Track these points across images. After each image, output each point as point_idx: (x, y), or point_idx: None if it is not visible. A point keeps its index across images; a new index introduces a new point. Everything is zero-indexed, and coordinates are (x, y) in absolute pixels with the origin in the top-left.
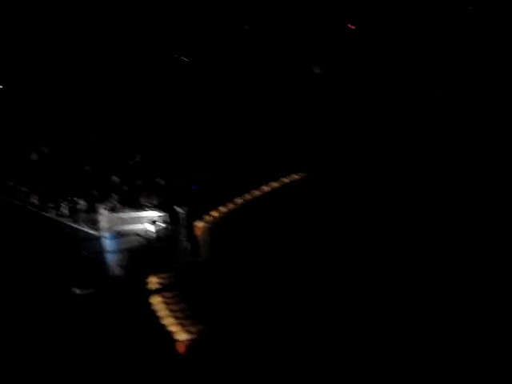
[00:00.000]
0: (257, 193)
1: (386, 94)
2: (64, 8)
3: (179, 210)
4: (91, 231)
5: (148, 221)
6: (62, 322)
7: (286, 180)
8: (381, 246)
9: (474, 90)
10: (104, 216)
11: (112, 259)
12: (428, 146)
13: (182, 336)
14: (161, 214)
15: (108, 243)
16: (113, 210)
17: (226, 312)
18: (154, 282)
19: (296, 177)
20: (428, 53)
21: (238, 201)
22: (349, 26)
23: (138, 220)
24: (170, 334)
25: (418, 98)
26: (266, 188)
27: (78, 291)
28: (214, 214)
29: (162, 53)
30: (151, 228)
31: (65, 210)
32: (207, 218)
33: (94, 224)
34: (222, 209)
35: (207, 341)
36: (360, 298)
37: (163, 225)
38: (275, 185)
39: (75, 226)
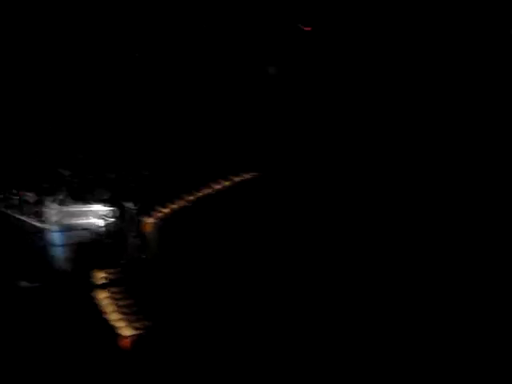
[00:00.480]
0: (208, 190)
1: (338, 94)
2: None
3: (128, 205)
4: (39, 224)
5: (96, 215)
6: (5, 314)
7: (237, 179)
8: (330, 247)
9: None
10: (52, 209)
11: (59, 253)
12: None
13: (127, 332)
14: (110, 209)
15: (56, 237)
16: (61, 203)
17: (172, 308)
18: (100, 276)
19: (248, 176)
20: (383, 54)
21: (188, 198)
22: (304, 27)
23: (87, 214)
24: (115, 330)
25: (366, 99)
26: (217, 186)
27: (24, 284)
28: (164, 210)
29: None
30: (99, 223)
31: (13, 202)
32: (156, 214)
33: (42, 217)
34: (172, 205)
35: (152, 336)
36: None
37: (112, 220)
38: (226, 183)
39: (23, 218)
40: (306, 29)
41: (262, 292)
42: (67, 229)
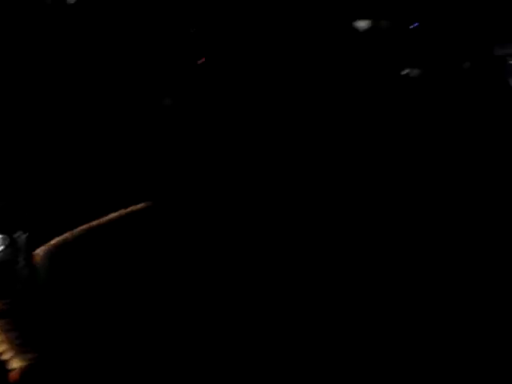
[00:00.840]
0: (99, 221)
1: (232, 125)
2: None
3: (18, 234)
4: None
5: None
6: None
7: (129, 209)
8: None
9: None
10: None
11: None
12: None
13: (15, 364)
14: None
15: None
16: None
17: (61, 339)
18: None
19: (140, 206)
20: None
21: (80, 229)
22: (200, 60)
23: None
24: (2, 362)
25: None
26: (108, 217)
27: None
28: (54, 241)
29: None
30: None
31: None
32: (47, 244)
33: None
34: (62, 237)
35: (41, 368)
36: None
37: (0, 249)
38: (118, 214)
39: None
40: (200, 61)
41: (150, 321)
42: None
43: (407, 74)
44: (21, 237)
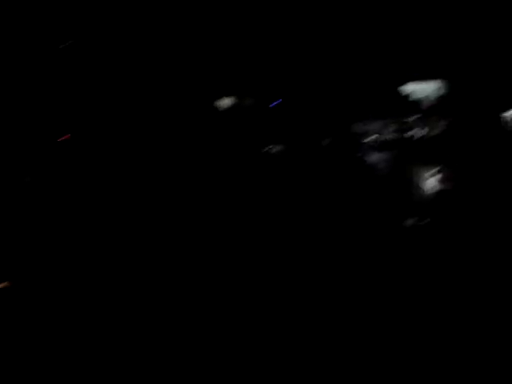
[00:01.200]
0: None
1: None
2: None
3: None
4: None
5: None
6: None
7: None
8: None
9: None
10: None
11: None
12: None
13: None
14: None
15: None
16: None
17: None
18: None
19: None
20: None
21: None
22: (64, 137)
23: None
24: None
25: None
26: None
27: None
28: None
29: None
30: None
31: None
32: None
33: None
34: None
35: None
36: None
37: None
38: None
39: None
40: (65, 137)
41: None
42: None
43: (269, 150)
44: None
